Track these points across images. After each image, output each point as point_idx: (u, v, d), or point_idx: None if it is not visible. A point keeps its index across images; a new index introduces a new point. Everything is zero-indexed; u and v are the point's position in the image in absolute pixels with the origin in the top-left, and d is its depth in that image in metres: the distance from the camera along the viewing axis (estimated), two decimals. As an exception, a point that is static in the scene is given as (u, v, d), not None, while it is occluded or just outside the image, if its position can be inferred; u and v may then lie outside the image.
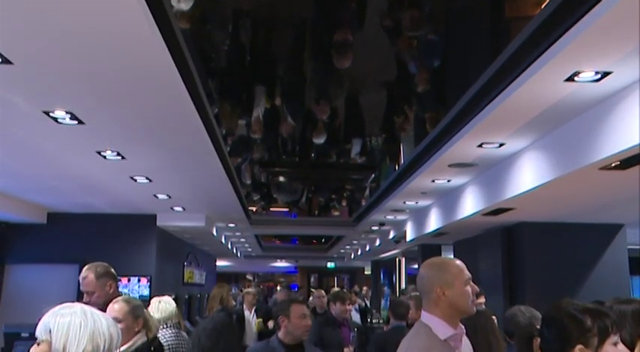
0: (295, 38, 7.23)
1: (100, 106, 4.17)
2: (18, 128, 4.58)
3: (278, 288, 11.11)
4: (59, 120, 4.29)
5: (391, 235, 12.34)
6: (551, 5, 3.08)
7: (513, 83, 3.74)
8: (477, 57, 5.16)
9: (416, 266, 15.24)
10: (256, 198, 11.77)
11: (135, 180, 6.68)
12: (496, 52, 3.92)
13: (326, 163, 10.04)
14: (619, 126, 3.70)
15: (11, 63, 3.30)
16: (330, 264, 26.59)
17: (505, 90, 3.87)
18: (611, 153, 3.80)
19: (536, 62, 3.40)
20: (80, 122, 4.39)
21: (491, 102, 4.12)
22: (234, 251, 17.17)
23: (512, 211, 6.38)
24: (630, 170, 4.15)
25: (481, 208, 6.42)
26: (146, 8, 2.87)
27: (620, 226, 7.36)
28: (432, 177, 6.70)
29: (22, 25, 2.91)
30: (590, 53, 3.12)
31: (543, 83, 3.55)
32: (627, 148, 3.62)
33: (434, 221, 8.59)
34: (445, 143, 5.35)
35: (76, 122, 4.37)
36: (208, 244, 13.63)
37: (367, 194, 11.12)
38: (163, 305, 4.83)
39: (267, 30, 7.28)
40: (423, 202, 8.61)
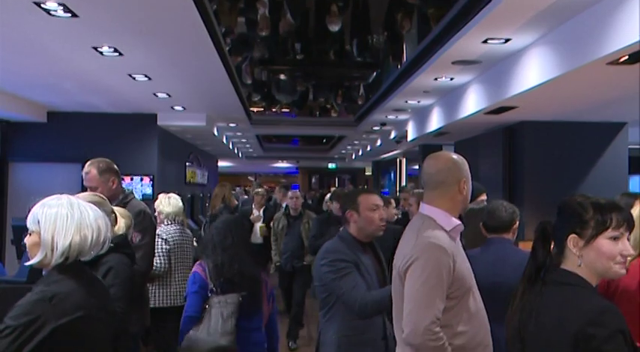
0: None
1: (94, -3, 4.01)
2: (9, 21, 4.43)
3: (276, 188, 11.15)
4: (51, 12, 4.14)
5: (392, 135, 12.35)
6: None
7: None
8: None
9: (416, 166, 15.38)
10: (257, 99, 11.63)
11: (134, 78, 6.57)
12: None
13: (327, 61, 9.85)
14: (629, 19, 3.58)
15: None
16: (332, 165, 26.83)
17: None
18: (620, 46, 3.71)
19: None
20: (74, 15, 4.24)
21: (498, -7, 3.98)
22: (235, 151, 17.27)
23: (514, 110, 6.34)
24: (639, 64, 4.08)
25: (484, 107, 6.38)
26: None
27: (622, 124, 7.35)
28: (435, 75, 6.59)
29: None
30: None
31: (554, -28, 3.42)
32: (637, 41, 3.52)
33: (435, 120, 8.56)
34: (449, 39, 5.20)
35: (70, 15, 4.22)
36: (210, 144, 13.68)
37: (362, 92, 10.95)
38: (174, 200, 4.94)
39: None
40: (425, 101, 8.54)
